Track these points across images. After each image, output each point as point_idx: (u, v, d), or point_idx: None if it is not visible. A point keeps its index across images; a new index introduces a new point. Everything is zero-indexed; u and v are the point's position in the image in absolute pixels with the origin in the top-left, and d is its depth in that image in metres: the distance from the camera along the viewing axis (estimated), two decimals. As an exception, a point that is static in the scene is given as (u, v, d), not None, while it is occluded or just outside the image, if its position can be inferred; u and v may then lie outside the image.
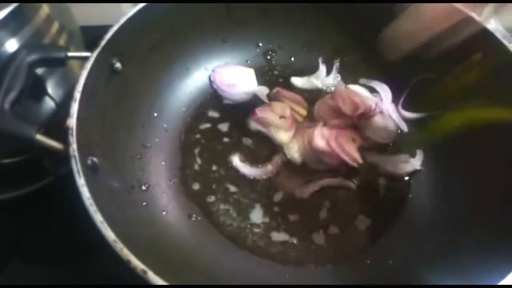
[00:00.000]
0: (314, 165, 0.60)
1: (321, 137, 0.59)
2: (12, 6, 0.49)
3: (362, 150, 0.61)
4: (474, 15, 0.55)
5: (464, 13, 0.53)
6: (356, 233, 0.55)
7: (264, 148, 0.62)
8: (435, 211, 0.56)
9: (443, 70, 0.61)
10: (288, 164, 0.60)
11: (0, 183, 0.59)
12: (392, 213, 0.57)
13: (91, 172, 0.45)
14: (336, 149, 0.58)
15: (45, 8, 0.57)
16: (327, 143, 0.59)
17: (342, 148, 0.59)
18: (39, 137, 0.45)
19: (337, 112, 0.62)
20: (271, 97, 0.67)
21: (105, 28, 0.52)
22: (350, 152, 0.59)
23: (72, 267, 0.58)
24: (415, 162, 0.60)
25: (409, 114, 0.64)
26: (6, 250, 0.60)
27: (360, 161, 0.59)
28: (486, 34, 0.54)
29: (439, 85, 0.61)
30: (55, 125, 0.48)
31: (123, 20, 0.53)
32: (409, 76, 0.64)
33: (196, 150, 0.61)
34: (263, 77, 0.68)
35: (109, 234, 0.39)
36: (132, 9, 0.54)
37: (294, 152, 0.61)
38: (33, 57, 0.50)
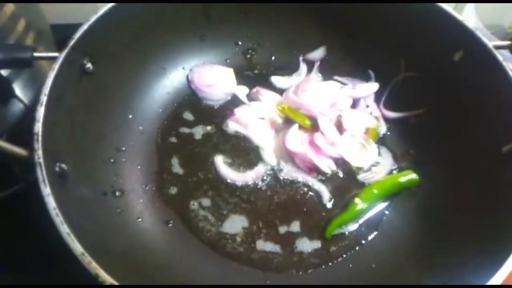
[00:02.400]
0: (289, 167, 0.58)
1: (295, 139, 0.58)
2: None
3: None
4: (455, 13, 0.55)
5: None
6: (338, 237, 0.54)
7: (244, 151, 0.60)
8: (418, 213, 0.55)
9: (425, 68, 0.60)
10: (271, 170, 0.58)
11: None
12: (374, 217, 0.56)
13: (58, 180, 0.43)
14: (309, 153, 0.57)
15: (9, 5, 0.54)
16: (301, 146, 0.57)
17: (316, 152, 0.57)
18: (2, 143, 0.43)
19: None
20: (251, 97, 0.65)
21: (78, 26, 0.49)
22: (324, 157, 0.57)
23: (42, 276, 0.55)
24: (384, 170, 0.59)
25: (391, 114, 0.64)
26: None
27: (334, 167, 0.58)
28: (466, 33, 0.54)
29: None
30: (25, 128, 0.46)
31: (94, 18, 0.51)
32: (391, 75, 0.64)
33: (174, 153, 0.59)
34: (242, 76, 0.66)
35: (77, 247, 0.37)
36: (105, 6, 0.52)
37: (270, 153, 0.59)
38: (-5, 57, 0.48)
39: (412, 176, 0.56)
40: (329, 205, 0.56)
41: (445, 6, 0.55)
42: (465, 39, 0.54)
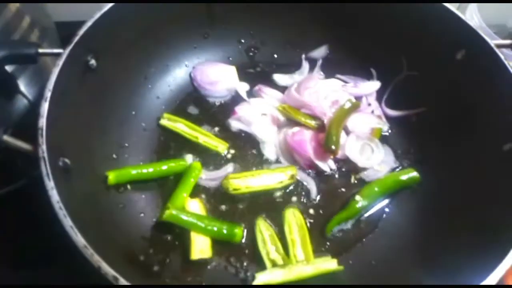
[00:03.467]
0: (288, 163, 0.59)
1: (298, 137, 0.58)
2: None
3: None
4: (458, 12, 0.54)
5: None
6: (338, 234, 0.54)
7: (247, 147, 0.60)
8: (418, 212, 0.55)
9: (427, 67, 0.60)
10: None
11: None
12: (374, 215, 0.56)
13: (62, 174, 0.44)
14: (312, 152, 0.57)
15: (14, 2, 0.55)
16: (303, 145, 0.57)
17: (315, 151, 0.57)
18: (7, 138, 0.44)
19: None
20: (253, 95, 0.65)
21: (82, 24, 0.50)
22: (323, 156, 0.57)
23: (42, 271, 0.56)
24: (385, 168, 0.59)
25: (392, 112, 0.64)
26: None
27: (333, 166, 0.59)
28: (469, 32, 0.54)
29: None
30: (29, 124, 0.46)
31: (98, 15, 0.51)
32: (392, 73, 0.64)
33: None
34: (245, 74, 0.67)
35: (79, 240, 0.38)
36: (109, 3, 0.52)
37: (271, 148, 0.59)
38: (1, 53, 0.48)
39: (413, 174, 0.56)
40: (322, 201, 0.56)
41: (448, 5, 0.55)
42: (467, 38, 0.54)
